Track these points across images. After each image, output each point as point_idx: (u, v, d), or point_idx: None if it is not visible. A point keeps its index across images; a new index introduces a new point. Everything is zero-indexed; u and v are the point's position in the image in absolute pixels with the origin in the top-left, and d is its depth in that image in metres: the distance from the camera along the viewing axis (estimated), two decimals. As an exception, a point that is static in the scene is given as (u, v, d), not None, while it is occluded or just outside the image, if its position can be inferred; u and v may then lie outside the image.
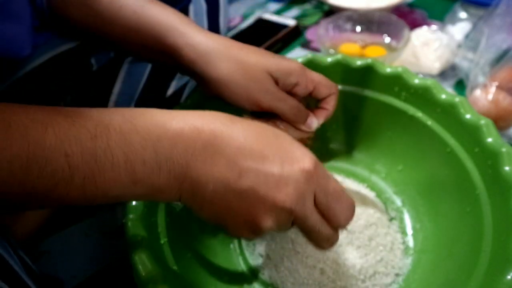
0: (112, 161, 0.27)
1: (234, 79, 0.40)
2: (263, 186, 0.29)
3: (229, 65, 0.40)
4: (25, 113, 0.26)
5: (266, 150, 0.30)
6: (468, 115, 0.42)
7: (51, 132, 0.26)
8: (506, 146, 0.38)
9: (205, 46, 0.40)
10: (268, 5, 0.98)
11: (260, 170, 0.29)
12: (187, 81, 0.54)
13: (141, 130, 0.28)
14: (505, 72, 0.60)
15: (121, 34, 0.43)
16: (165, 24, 0.41)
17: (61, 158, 0.26)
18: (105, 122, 0.28)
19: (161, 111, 0.31)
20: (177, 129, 0.29)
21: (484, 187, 0.39)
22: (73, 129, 0.26)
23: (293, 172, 0.30)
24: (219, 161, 0.29)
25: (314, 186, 0.31)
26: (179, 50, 0.41)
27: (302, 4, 0.97)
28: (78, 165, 0.26)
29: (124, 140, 0.27)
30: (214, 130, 0.30)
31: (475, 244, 0.37)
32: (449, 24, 0.77)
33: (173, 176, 0.29)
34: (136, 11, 0.42)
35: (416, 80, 0.47)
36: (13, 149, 0.24)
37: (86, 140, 0.26)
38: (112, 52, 0.48)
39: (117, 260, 0.48)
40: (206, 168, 0.29)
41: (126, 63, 0.49)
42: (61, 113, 0.27)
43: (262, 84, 0.40)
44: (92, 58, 0.47)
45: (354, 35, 0.78)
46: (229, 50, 0.40)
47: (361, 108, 0.52)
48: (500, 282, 0.31)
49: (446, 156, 0.44)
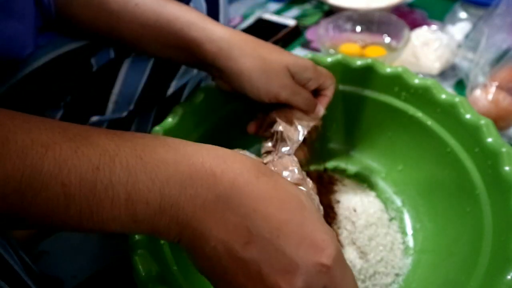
0: (113, 199, 0.25)
1: (256, 73, 0.41)
2: (268, 264, 0.26)
3: (251, 60, 0.41)
4: (26, 131, 0.24)
5: (285, 224, 0.26)
6: (468, 115, 0.42)
7: (51, 157, 0.24)
8: (506, 146, 0.38)
9: (227, 40, 0.41)
10: (268, 5, 0.98)
11: (272, 245, 0.26)
12: (187, 81, 0.54)
13: (149, 169, 0.26)
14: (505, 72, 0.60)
15: (137, 33, 0.43)
16: (186, 20, 0.42)
17: (57, 186, 0.24)
18: (111, 152, 0.26)
19: (179, 143, 0.28)
20: (191, 171, 0.26)
21: (484, 187, 0.39)
22: (74, 157, 0.24)
23: (307, 261, 0.26)
24: (229, 220, 0.26)
25: (326, 282, 0.26)
26: (200, 44, 0.41)
27: (302, 4, 0.97)
28: (74, 196, 0.24)
29: (129, 177, 0.25)
30: (234, 183, 0.27)
31: (475, 244, 0.37)
32: (449, 24, 0.77)
33: (176, 222, 0.26)
34: (154, 9, 0.42)
35: (416, 80, 0.47)
36: (7, 169, 0.23)
37: (86, 171, 0.25)
38: (112, 52, 0.48)
39: (117, 260, 0.48)
40: (213, 223, 0.26)
41: (126, 63, 0.49)
42: (66, 135, 0.25)
43: (281, 79, 0.42)
44: (92, 59, 0.47)
45: (354, 35, 0.78)
46: (250, 45, 0.42)
47: (361, 108, 0.52)
48: (500, 282, 0.31)
49: (446, 156, 0.44)
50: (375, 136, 0.53)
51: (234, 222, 0.26)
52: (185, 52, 0.43)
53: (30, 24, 0.41)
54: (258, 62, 0.41)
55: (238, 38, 0.42)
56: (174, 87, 0.52)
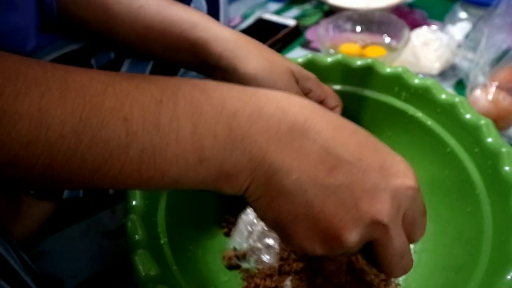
0: (178, 132, 0.23)
1: (261, 75, 0.40)
2: (358, 187, 0.25)
3: (258, 61, 0.40)
4: (84, 71, 0.23)
5: (364, 148, 0.26)
6: (468, 115, 0.42)
7: (111, 92, 0.22)
8: (506, 146, 0.38)
9: (234, 40, 0.41)
10: (268, 5, 0.98)
11: (357, 167, 0.25)
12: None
13: (214, 102, 0.24)
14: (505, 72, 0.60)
15: (141, 34, 0.43)
16: (191, 20, 0.42)
17: (118, 122, 0.22)
18: (173, 88, 0.24)
19: (239, 86, 0.27)
20: (258, 104, 0.25)
21: (484, 187, 0.39)
22: (136, 91, 0.23)
23: (395, 185, 0.26)
24: (308, 149, 0.25)
25: (410, 205, 0.27)
26: (205, 44, 0.41)
27: (302, 4, 0.97)
28: (137, 133, 0.22)
29: (194, 109, 0.24)
30: (303, 114, 0.26)
31: (475, 244, 0.37)
32: (449, 24, 0.77)
33: (248, 158, 0.24)
34: (159, 11, 0.42)
35: (416, 80, 0.47)
36: (66, 107, 0.21)
37: (149, 104, 0.23)
38: (112, 53, 0.48)
39: (117, 260, 0.48)
40: (291, 154, 0.25)
41: (126, 64, 0.49)
42: (124, 75, 0.24)
43: (287, 83, 0.41)
44: (93, 59, 0.47)
45: (354, 35, 0.78)
46: (256, 47, 0.42)
47: (361, 108, 0.52)
48: (500, 282, 0.31)
49: (446, 156, 0.44)
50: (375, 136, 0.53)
51: (314, 150, 0.25)
52: (188, 53, 0.42)
53: (31, 17, 0.40)
54: (264, 63, 0.41)
55: (244, 39, 0.42)
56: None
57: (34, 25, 0.41)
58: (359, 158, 0.26)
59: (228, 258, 0.44)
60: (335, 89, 0.52)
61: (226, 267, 0.44)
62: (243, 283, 0.43)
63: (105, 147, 0.22)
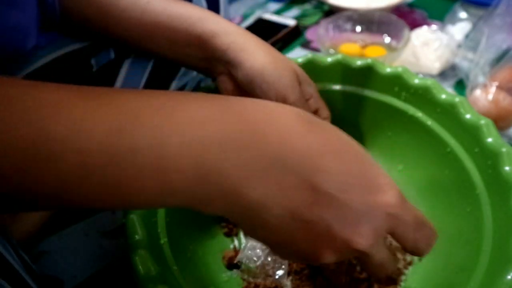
0: (139, 166, 0.21)
1: (267, 70, 0.39)
2: (339, 222, 0.24)
3: (264, 56, 0.40)
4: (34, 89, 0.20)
5: (348, 175, 0.25)
6: (468, 115, 0.42)
7: (64, 119, 0.20)
8: (506, 146, 0.38)
9: (241, 35, 0.41)
10: (268, 5, 0.98)
11: (338, 200, 0.24)
12: (187, 81, 0.54)
13: (181, 130, 0.22)
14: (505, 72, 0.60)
15: (147, 30, 0.43)
16: (197, 15, 0.42)
17: (72, 154, 0.20)
18: (135, 111, 0.22)
19: (212, 98, 0.24)
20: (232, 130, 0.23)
21: (484, 187, 0.39)
22: (91, 118, 0.21)
23: (376, 206, 0.25)
24: (289, 183, 0.23)
25: (395, 222, 0.26)
26: (213, 37, 0.41)
27: (302, 4, 0.97)
28: (94, 166, 0.21)
29: (156, 140, 0.22)
30: (284, 140, 0.24)
31: (475, 244, 0.37)
32: (449, 24, 0.77)
33: (221, 193, 0.23)
34: (165, 6, 0.43)
35: (416, 80, 0.47)
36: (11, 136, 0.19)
37: (108, 135, 0.21)
38: (112, 53, 0.48)
39: (117, 260, 0.48)
40: (271, 189, 0.23)
41: (126, 64, 0.49)
42: (81, 94, 0.22)
43: (291, 80, 0.40)
44: (93, 59, 0.47)
45: (354, 35, 0.78)
46: (262, 43, 0.42)
47: (361, 108, 0.52)
48: (500, 282, 0.31)
49: (446, 156, 0.44)
50: (375, 136, 0.53)
51: (295, 183, 0.23)
52: (195, 48, 0.42)
53: (32, 15, 0.40)
54: (270, 59, 0.40)
55: (250, 34, 0.42)
56: (174, 88, 0.52)
57: (34, 24, 0.41)
58: (342, 190, 0.24)
59: (228, 258, 0.44)
60: (335, 89, 0.52)
61: (226, 267, 0.44)
62: (243, 283, 0.43)
63: (60, 179, 0.20)
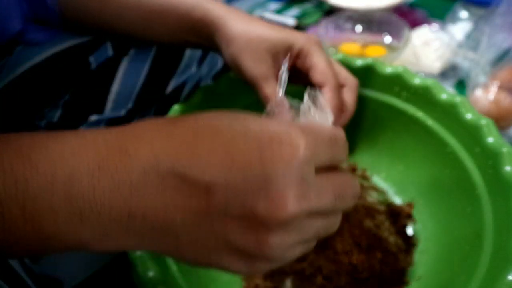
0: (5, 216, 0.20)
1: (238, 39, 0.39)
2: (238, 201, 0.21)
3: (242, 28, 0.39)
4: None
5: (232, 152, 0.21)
6: (468, 115, 0.42)
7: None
8: (506, 146, 0.38)
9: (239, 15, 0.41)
10: (268, 4, 0.98)
11: (229, 182, 0.21)
12: (186, 79, 0.54)
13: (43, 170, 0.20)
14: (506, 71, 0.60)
15: (145, 18, 0.44)
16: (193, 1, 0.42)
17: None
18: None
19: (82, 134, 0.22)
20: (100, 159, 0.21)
21: (484, 187, 0.39)
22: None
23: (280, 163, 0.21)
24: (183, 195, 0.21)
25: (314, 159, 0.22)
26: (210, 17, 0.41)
27: (302, 3, 0.97)
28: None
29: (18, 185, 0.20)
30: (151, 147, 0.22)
31: (475, 244, 0.37)
32: (450, 24, 0.77)
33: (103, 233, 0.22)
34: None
35: (416, 80, 0.47)
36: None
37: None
38: (111, 50, 0.48)
39: (117, 260, 0.48)
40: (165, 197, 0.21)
41: (125, 61, 0.49)
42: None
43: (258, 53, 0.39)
44: (91, 57, 0.47)
45: (354, 35, 0.78)
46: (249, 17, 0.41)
47: (361, 108, 0.52)
48: (500, 282, 0.31)
49: (446, 156, 0.44)
50: (376, 136, 0.53)
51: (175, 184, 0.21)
52: (192, 32, 0.43)
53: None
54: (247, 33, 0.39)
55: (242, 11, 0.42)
56: (173, 85, 0.52)
57: (16, 5, 0.41)
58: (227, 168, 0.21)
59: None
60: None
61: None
62: (243, 283, 0.43)
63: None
